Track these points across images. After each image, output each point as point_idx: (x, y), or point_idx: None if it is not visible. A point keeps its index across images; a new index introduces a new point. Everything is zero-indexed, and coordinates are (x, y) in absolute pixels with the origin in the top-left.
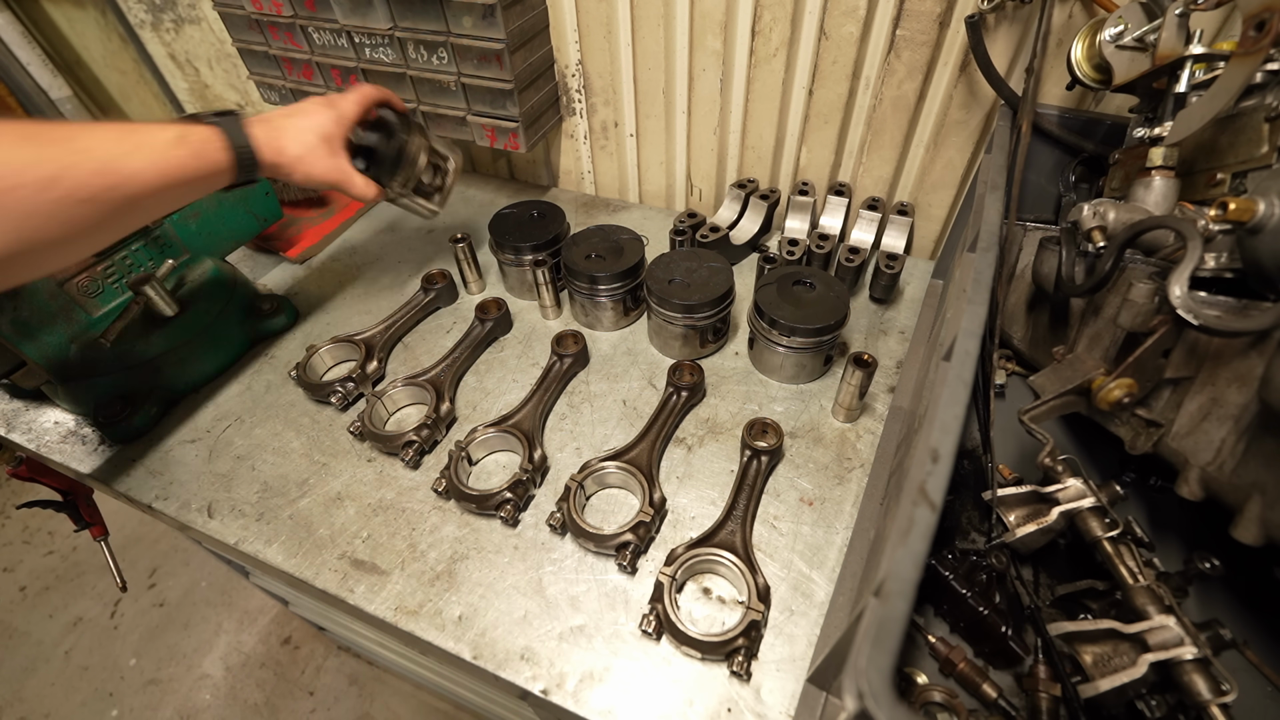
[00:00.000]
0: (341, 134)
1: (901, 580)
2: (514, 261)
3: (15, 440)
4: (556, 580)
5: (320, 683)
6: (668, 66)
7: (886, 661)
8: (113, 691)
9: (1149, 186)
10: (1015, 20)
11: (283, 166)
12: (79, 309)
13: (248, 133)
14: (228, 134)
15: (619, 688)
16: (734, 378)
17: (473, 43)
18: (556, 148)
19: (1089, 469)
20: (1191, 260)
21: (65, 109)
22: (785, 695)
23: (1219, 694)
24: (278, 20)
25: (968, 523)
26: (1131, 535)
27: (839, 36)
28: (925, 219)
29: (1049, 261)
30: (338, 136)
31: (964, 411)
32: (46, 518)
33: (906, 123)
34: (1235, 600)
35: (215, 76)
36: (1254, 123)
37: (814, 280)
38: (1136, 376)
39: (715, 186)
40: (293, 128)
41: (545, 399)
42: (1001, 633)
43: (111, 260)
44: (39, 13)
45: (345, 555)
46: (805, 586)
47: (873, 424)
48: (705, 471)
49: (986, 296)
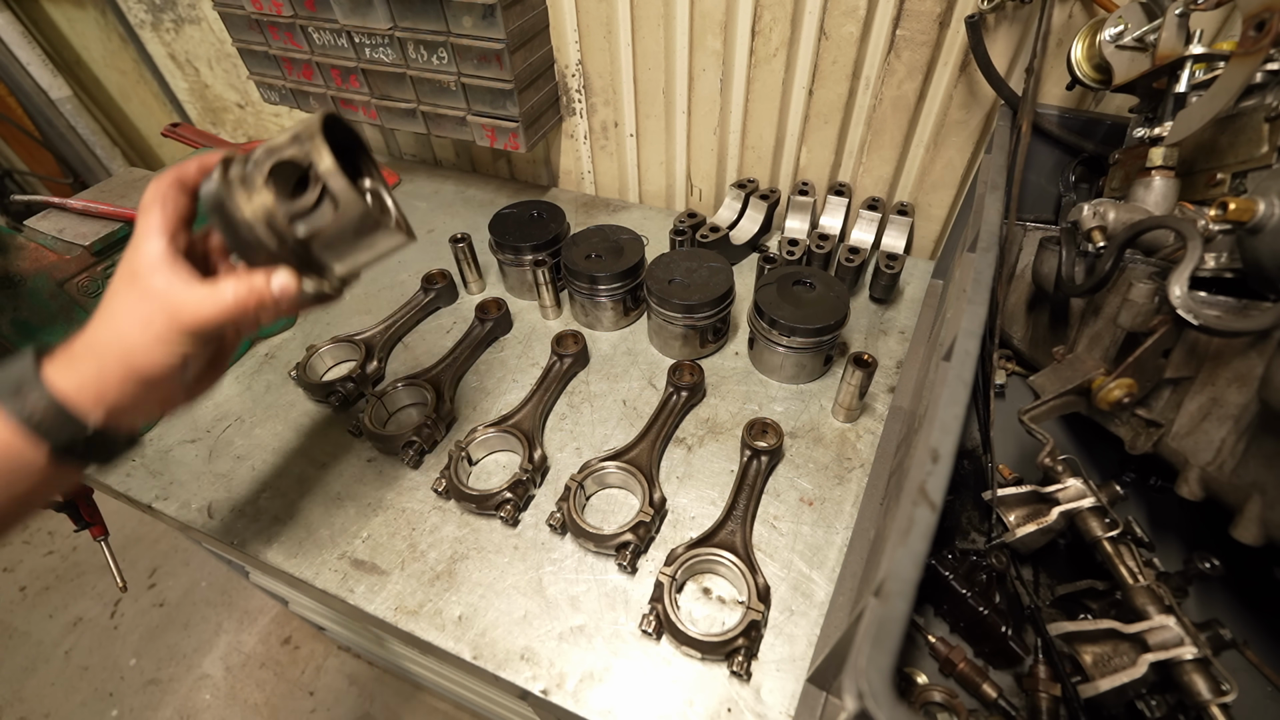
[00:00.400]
0: (163, 259)
1: (901, 580)
2: (514, 261)
3: None
4: (556, 580)
5: (320, 683)
6: (668, 66)
7: (886, 661)
8: (113, 691)
9: (1149, 186)
10: (1015, 20)
11: (124, 399)
12: (79, 309)
13: (48, 389)
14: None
15: (619, 688)
16: (734, 378)
17: (473, 43)
18: (556, 148)
19: (1089, 469)
20: (1191, 260)
21: (65, 109)
22: (785, 695)
23: (1219, 694)
24: (278, 20)
25: (968, 523)
26: (1131, 535)
27: (839, 36)
28: (925, 219)
29: (1049, 261)
30: (162, 265)
31: (964, 411)
32: (46, 518)
33: (906, 123)
34: (1235, 600)
35: (215, 76)
36: (1254, 123)
37: (814, 280)
38: (1136, 376)
39: (715, 186)
40: (105, 327)
41: (545, 399)
42: (1001, 633)
43: (111, 260)
44: (39, 13)
45: (345, 555)
46: (805, 586)
47: (873, 424)
48: (705, 471)
49: (986, 296)
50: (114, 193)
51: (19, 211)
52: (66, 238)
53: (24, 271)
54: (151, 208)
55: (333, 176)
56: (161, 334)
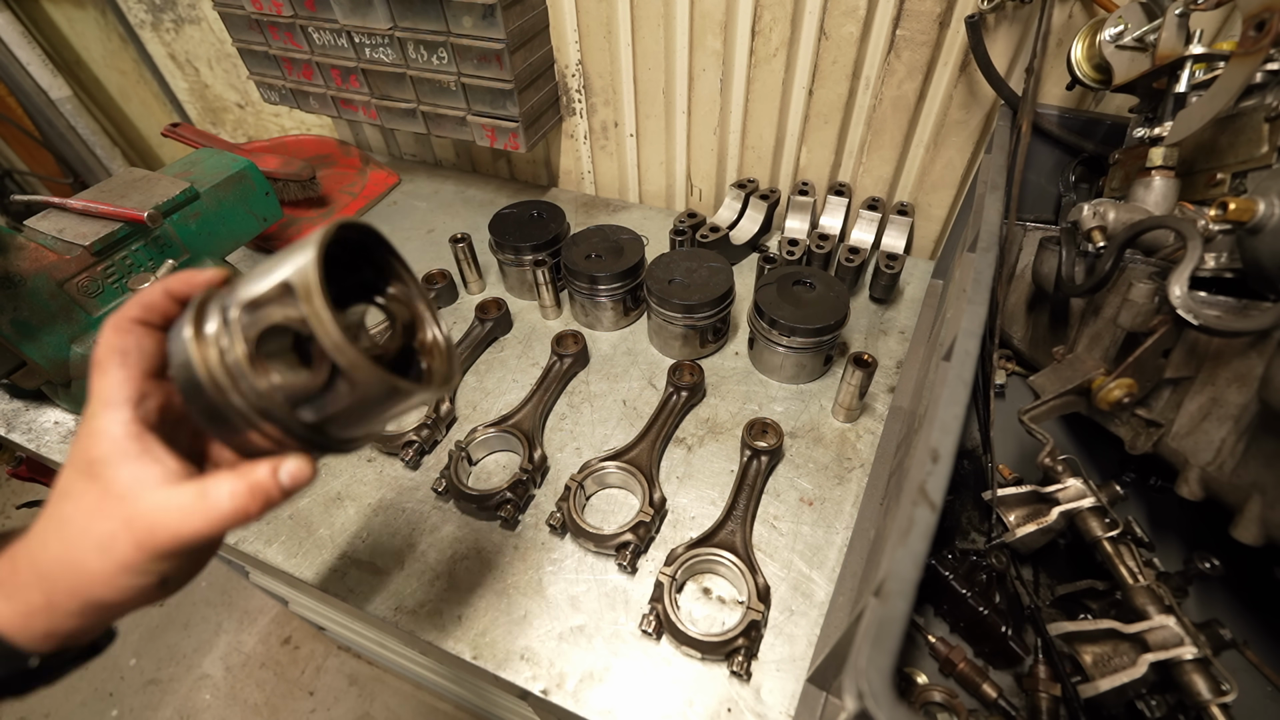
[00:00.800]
0: (127, 442)
1: (901, 580)
2: (514, 261)
3: (15, 440)
4: (556, 580)
5: (320, 683)
6: (668, 66)
7: (886, 661)
8: (113, 691)
9: (1149, 186)
10: (1015, 20)
11: (82, 627)
12: (79, 309)
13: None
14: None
15: (619, 688)
16: (734, 378)
17: (473, 43)
18: (556, 148)
19: (1089, 469)
20: (1191, 260)
21: (65, 109)
22: (785, 695)
23: (1219, 694)
24: (278, 20)
25: (968, 523)
26: (1131, 535)
27: (839, 36)
28: (925, 219)
29: (1049, 261)
30: (126, 452)
31: (964, 411)
32: None
33: (906, 123)
34: (1235, 600)
35: (215, 76)
36: (1254, 123)
37: (814, 280)
38: (1136, 376)
39: (715, 186)
40: (55, 541)
41: (545, 399)
42: (1001, 633)
43: (111, 260)
44: (39, 13)
45: (345, 555)
46: (805, 586)
47: (873, 424)
48: (705, 471)
49: (986, 296)
50: (114, 193)
51: (19, 211)
52: (66, 238)
53: (24, 271)
54: (107, 364)
55: (343, 352)
56: (128, 561)
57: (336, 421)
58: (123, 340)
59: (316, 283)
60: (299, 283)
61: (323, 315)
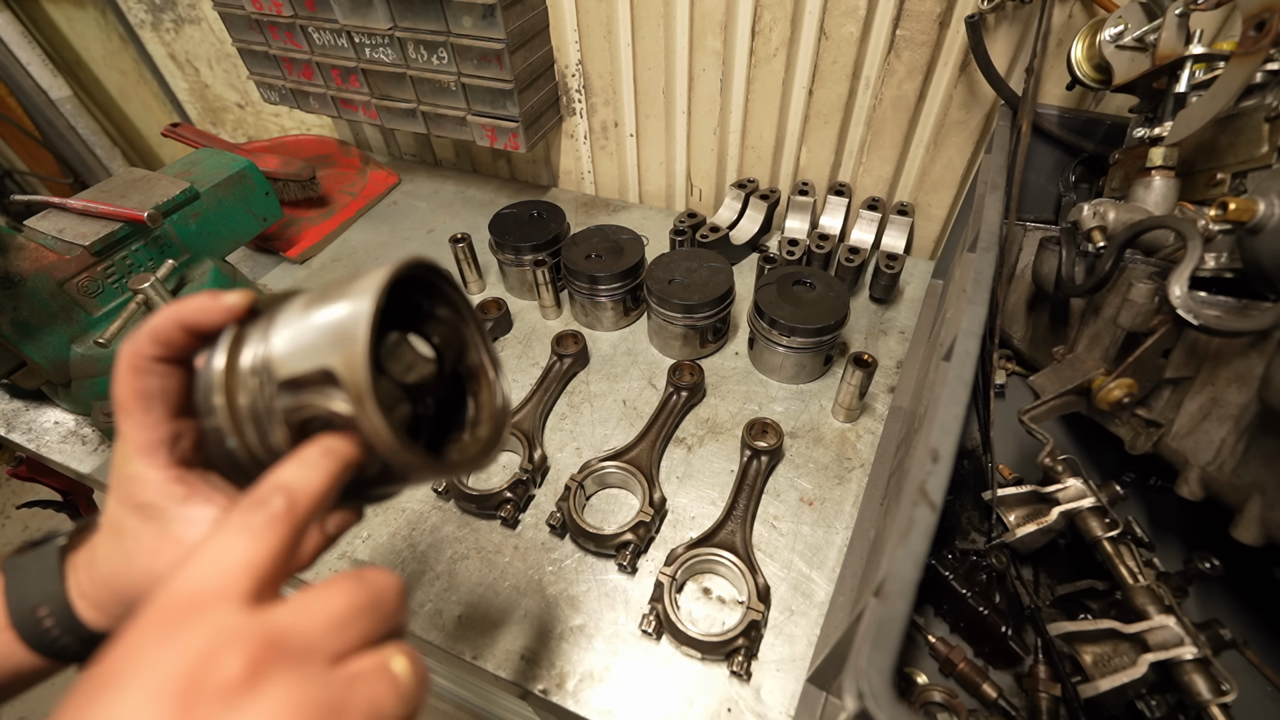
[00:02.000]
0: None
1: (901, 580)
2: (514, 261)
3: (15, 440)
4: (556, 580)
5: None
6: (668, 66)
7: (886, 661)
8: None
9: (1149, 186)
10: (1015, 20)
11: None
12: (79, 309)
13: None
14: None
15: (619, 687)
16: (734, 378)
17: (473, 43)
18: (556, 148)
19: (1089, 469)
20: (1191, 260)
21: (65, 109)
22: (785, 695)
23: (1219, 694)
24: (278, 20)
25: (968, 523)
26: (1131, 535)
27: (839, 36)
28: (925, 219)
29: (1049, 261)
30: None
31: (964, 411)
32: (46, 518)
33: (906, 123)
34: (1235, 600)
35: (215, 76)
36: (1254, 123)
37: (814, 280)
38: (1136, 376)
39: (715, 186)
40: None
41: (545, 399)
42: (1001, 633)
43: (111, 260)
44: (39, 13)
45: (345, 555)
46: (805, 586)
47: (873, 424)
48: (705, 471)
49: (986, 296)
50: (114, 193)
51: (19, 211)
52: (66, 238)
53: (24, 271)
54: (132, 408)
55: (398, 454)
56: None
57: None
58: (144, 383)
59: (368, 388)
60: (349, 381)
61: (378, 425)
